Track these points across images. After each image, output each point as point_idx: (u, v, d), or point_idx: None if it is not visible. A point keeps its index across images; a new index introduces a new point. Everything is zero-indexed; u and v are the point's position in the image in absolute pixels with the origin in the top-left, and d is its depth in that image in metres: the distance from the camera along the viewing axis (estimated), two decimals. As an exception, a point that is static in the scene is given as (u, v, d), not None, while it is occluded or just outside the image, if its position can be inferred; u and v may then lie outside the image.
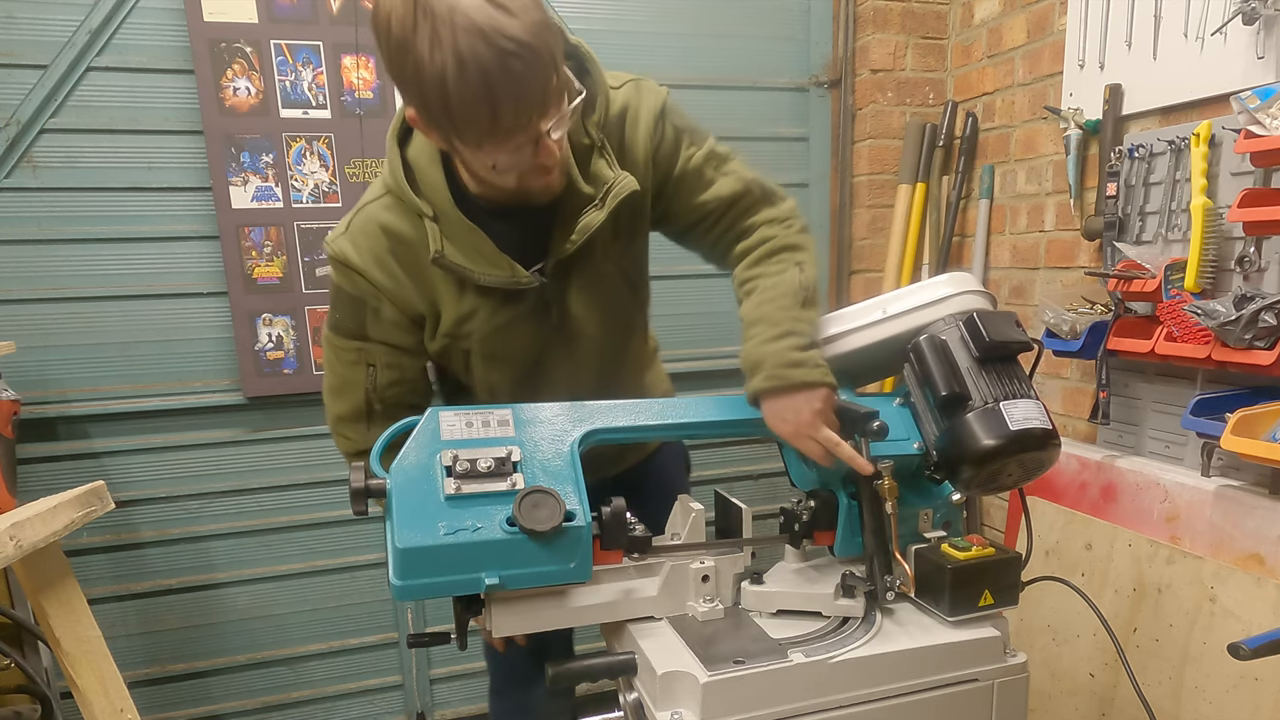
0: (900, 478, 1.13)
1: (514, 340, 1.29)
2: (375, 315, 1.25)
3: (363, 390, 1.29)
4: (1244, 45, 1.72)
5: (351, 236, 1.22)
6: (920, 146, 2.59)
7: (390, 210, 1.21)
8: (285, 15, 2.14)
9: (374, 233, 1.21)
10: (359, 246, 1.21)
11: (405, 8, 0.94)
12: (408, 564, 0.98)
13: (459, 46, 0.93)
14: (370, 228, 1.21)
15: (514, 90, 0.97)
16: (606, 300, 1.31)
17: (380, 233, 1.21)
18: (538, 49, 0.97)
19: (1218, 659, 1.63)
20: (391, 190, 1.20)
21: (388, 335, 1.27)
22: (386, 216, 1.21)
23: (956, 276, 1.22)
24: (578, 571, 1.05)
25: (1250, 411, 1.57)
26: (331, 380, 1.33)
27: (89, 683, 1.55)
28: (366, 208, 1.23)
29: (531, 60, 0.96)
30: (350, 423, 1.33)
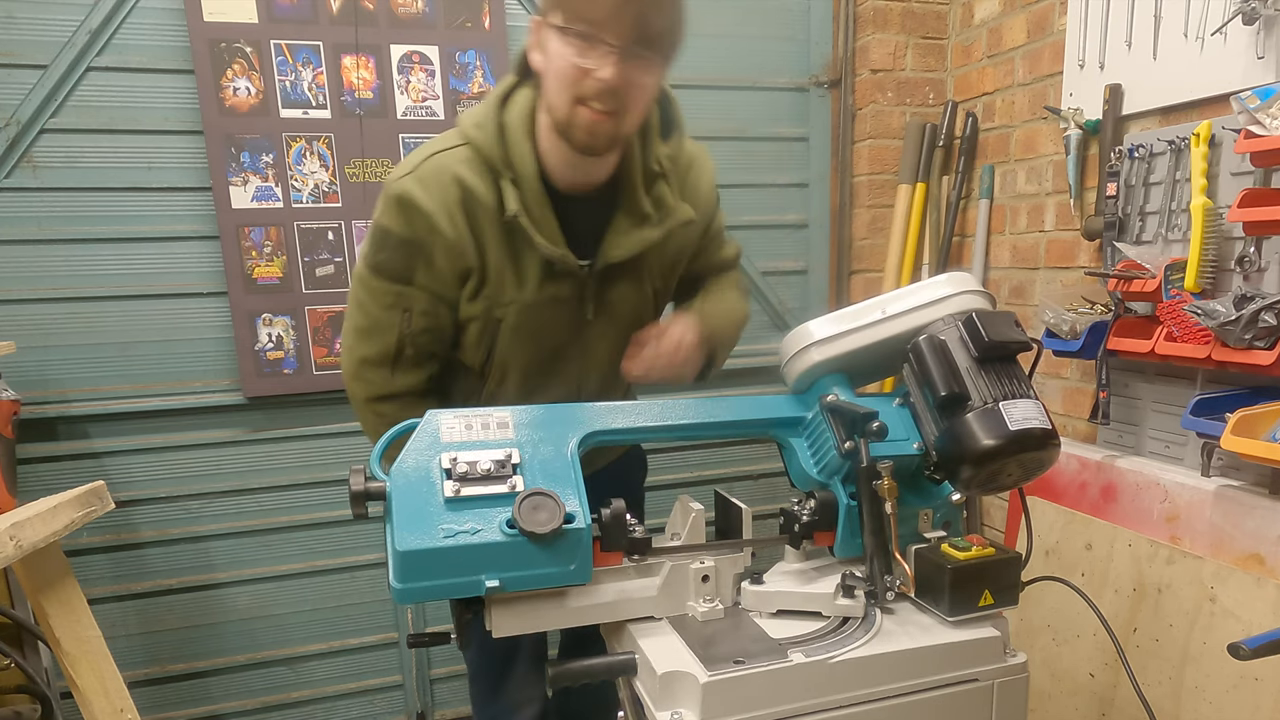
0: (900, 478, 1.13)
1: (545, 322, 1.33)
2: (427, 262, 1.26)
3: (395, 333, 1.30)
4: (1244, 45, 1.72)
5: (420, 179, 1.23)
6: (920, 146, 2.59)
7: (465, 164, 1.24)
8: (285, 15, 2.14)
9: (446, 181, 1.23)
10: (429, 190, 1.23)
11: None
12: (408, 567, 0.98)
13: None
14: (443, 176, 1.23)
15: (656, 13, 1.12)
16: (634, 311, 1.40)
17: (453, 182, 1.23)
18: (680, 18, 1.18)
19: (1218, 659, 1.63)
20: (474, 144, 1.24)
21: (433, 283, 1.28)
22: (461, 169, 1.23)
23: (956, 276, 1.22)
24: (578, 573, 1.05)
25: (1250, 411, 1.57)
26: (362, 321, 1.33)
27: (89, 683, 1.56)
28: (438, 155, 1.24)
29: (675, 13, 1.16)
30: (375, 366, 1.33)
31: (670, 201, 1.34)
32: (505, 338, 1.33)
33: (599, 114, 1.17)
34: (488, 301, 1.30)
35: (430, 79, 2.26)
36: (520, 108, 1.25)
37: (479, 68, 2.30)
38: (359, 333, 1.33)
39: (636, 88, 1.17)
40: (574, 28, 1.13)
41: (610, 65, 1.13)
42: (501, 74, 2.28)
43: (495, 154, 1.23)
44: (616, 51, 1.13)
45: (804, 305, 2.74)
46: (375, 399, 1.35)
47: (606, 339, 1.39)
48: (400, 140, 2.27)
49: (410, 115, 2.27)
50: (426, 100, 2.27)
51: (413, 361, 1.33)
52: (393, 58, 2.23)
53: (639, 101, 1.19)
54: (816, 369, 1.23)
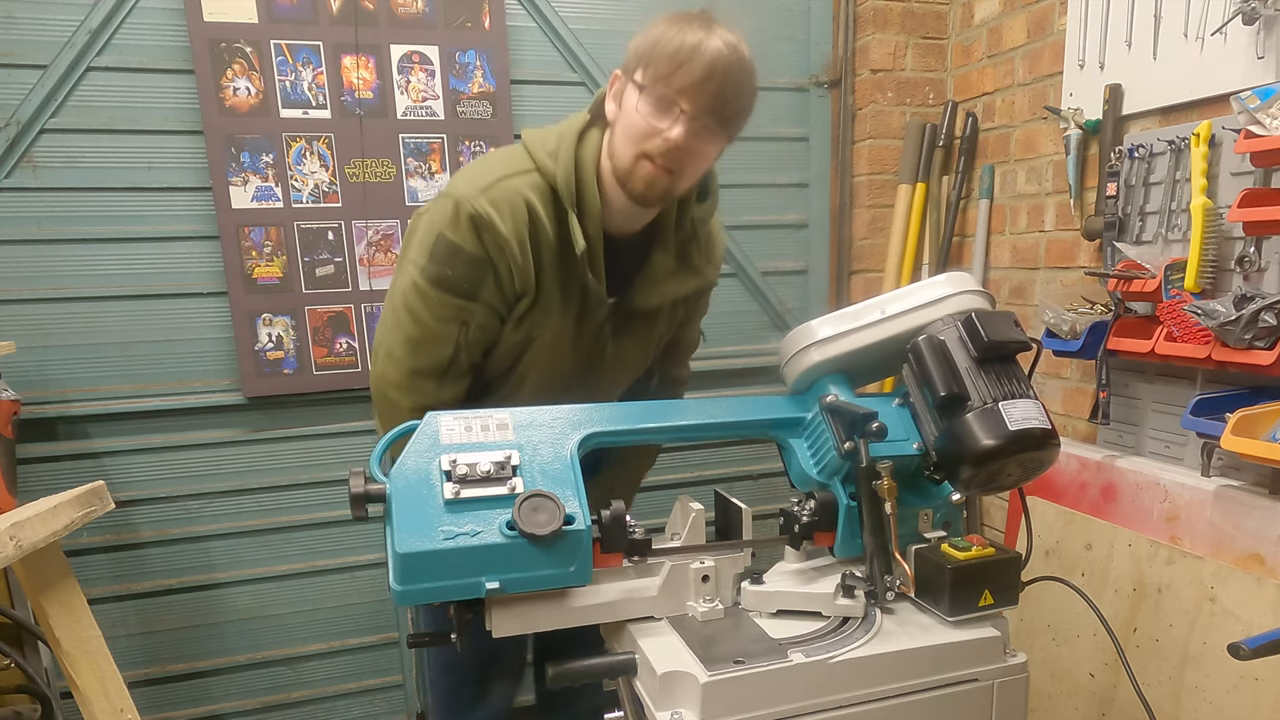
0: (900, 478, 1.13)
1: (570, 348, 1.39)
2: (495, 281, 1.29)
3: (452, 346, 1.32)
4: (1244, 45, 1.72)
5: (494, 201, 1.25)
6: (920, 146, 2.59)
7: (535, 191, 1.27)
8: (285, 15, 2.14)
9: (518, 205, 1.26)
10: (503, 214, 1.25)
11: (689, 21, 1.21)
12: (408, 569, 0.98)
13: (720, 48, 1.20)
14: (516, 201, 1.26)
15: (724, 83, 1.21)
16: (640, 353, 1.50)
17: (525, 209, 1.26)
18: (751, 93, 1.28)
19: (1218, 659, 1.63)
20: (543, 173, 1.27)
21: (494, 300, 1.31)
22: (532, 197, 1.27)
23: (955, 276, 1.22)
24: (578, 575, 1.05)
25: (1250, 411, 1.57)
26: (416, 333, 1.32)
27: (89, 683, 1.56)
28: (511, 180, 1.27)
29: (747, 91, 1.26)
30: (427, 377, 1.34)
31: (697, 262, 1.44)
32: (532, 354, 1.38)
33: (659, 169, 1.25)
34: (531, 324, 1.34)
35: (430, 79, 2.26)
36: (593, 148, 1.31)
37: (479, 68, 2.30)
38: (412, 344, 1.33)
39: (697, 154, 1.25)
40: (656, 89, 1.20)
41: (680, 128, 1.21)
42: (501, 74, 2.30)
43: (568, 190, 1.27)
44: (688, 118, 1.21)
45: (804, 305, 2.73)
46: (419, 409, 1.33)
47: (614, 373, 1.48)
48: (400, 140, 2.27)
49: (410, 115, 2.27)
50: (426, 100, 2.27)
51: (461, 372, 1.36)
52: (393, 58, 2.23)
53: (697, 168, 1.28)
54: (816, 369, 1.23)
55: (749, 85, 1.25)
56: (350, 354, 2.32)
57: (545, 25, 2.37)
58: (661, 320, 1.48)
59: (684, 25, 1.21)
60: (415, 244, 1.32)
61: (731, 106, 1.24)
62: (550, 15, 2.36)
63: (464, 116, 2.30)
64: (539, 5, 2.34)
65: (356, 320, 2.31)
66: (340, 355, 2.31)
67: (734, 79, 1.22)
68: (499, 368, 1.41)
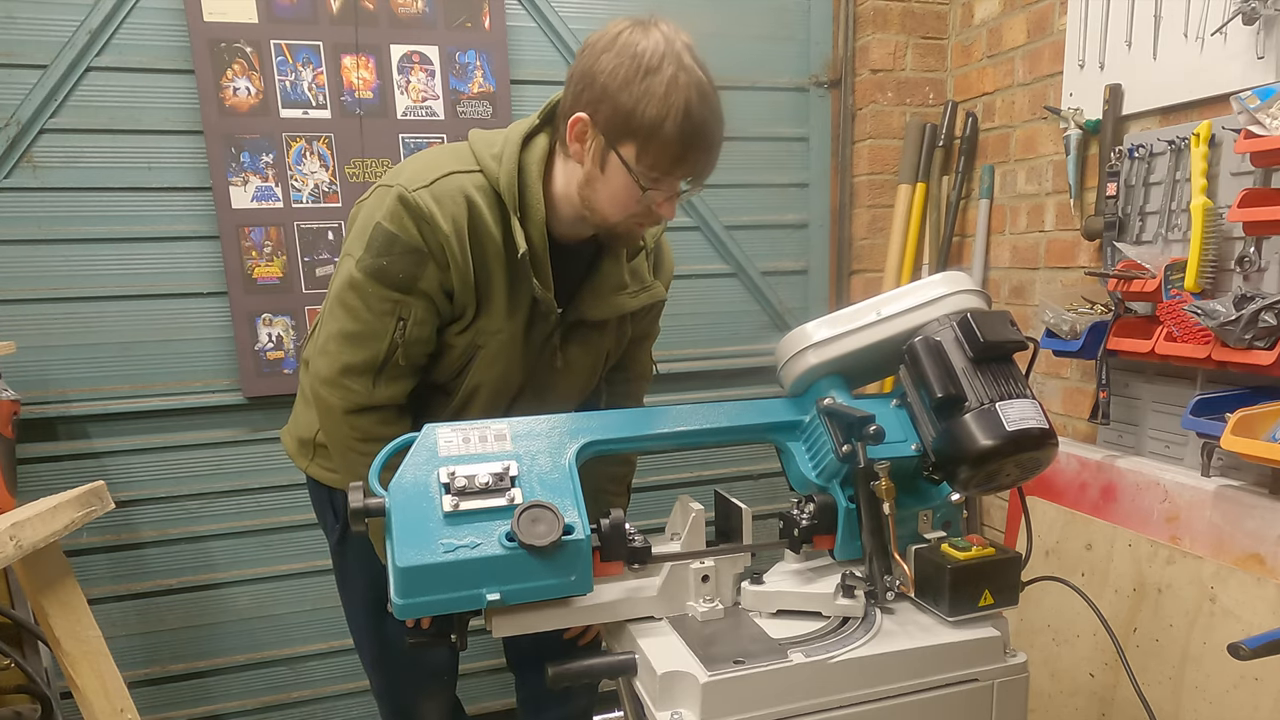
0: (899, 479, 1.13)
1: (518, 356, 1.37)
2: (431, 273, 1.26)
3: (387, 341, 1.28)
4: (1244, 45, 1.72)
5: (436, 194, 1.24)
6: (920, 146, 2.59)
7: (480, 191, 1.26)
8: (285, 15, 2.14)
9: (460, 202, 1.25)
10: (443, 207, 1.24)
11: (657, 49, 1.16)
12: (409, 582, 0.99)
13: (692, 97, 1.16)
14: (457, 196, 1.25)
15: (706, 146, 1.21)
16: (592, 364, 1.49)
17: (466, 204, 1.25)
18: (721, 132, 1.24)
19: (1218, 659, 1.63)
20: (487, 174, 1.26)
21: (433, 293, 1.28)
22: (477, 198, 1.26)
23: (951, 276, 1.22)
24: (578, 584, 1.05)
25: (1250, 411, 1.57)
26: (351, 326, 1.28)
27: (89, 683, 1.56)
28: (455, 176, 1.26)
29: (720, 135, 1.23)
30: (359, 374, 1.30)
31: (647, 277, 1.45)
32: (480, 363, 1.35)
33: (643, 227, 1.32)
34: (476, 330, 1.33)
35: (430, 79, 2.26)
36: (540, 152, 1.29)
37: (479, 68, 2.30)
38: (346, 338, 1.29)
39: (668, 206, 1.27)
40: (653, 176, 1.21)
41: (673, 204, 1.27)
42: (501, 74, 2.30)
43: (511, 193, 1.26)
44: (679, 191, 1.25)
45: (804, 305, 2.73)
46: (353, 410, 1.31)
47: (564, 384, 1.46)
48: (400, 140, 2.27)
49: (410, 115, 2.26)
50: (426, 100, 2.27)
51: (397, 373, 1.31)
52: (393, 58, 2.23)
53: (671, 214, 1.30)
54: (813, 372, 1.23)
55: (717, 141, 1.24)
56: (350, 354, 2.32)
57: (545, 25, 2.37)
58: (610, 333, 1.47)
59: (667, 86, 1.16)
60: (353, 235, 1.30)
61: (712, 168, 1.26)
62: (550, 15, 2.36)
63: (464, 116, 2.30)
64: (539, 5, 2.35)
65: (356, 320, 2.31)
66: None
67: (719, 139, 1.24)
68: (447, 374, 1.38)
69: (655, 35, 1.17)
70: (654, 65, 1.16)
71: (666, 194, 1.25)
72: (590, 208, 1.27)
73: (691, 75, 1.17)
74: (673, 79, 1.15)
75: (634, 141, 1.19)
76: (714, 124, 1.21)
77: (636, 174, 1.21)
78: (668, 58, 1.16)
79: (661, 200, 1.25)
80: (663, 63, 1.16)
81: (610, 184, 1.24)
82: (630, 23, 1.20)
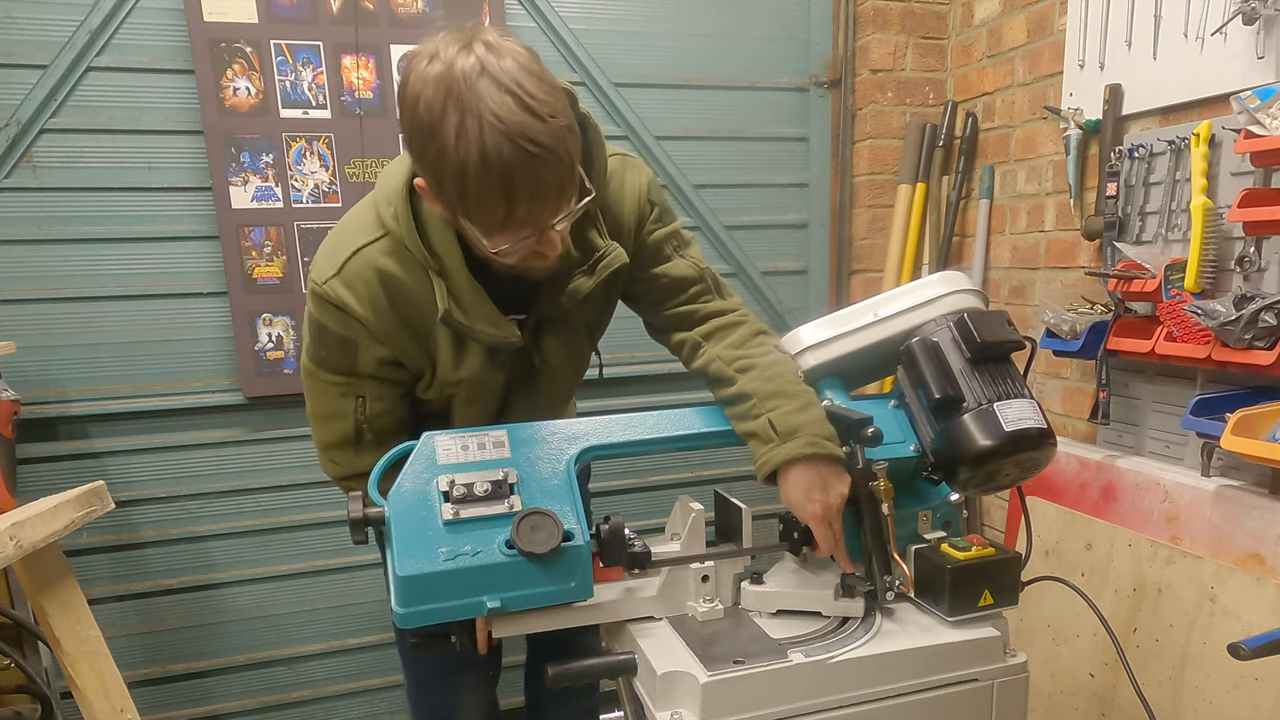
0: (897, 480, 1.13)
1: (493, 385, 1.32)
2: (367, 353, 1.23)
3: (352, 419, 1.29)
4: (1244, 45, 1.72)
5: (347, 280, 1.18)
6: (920, 146, 2.59)
7: (391, 257, 1.18)
8: (285, 15, 2.14)
9: (371, 280, 1.18)
10: (356, 292, 1.18)
11: (436, 93, 0.96)
12: (409, 591, 0.99)
13: (485, 142, 0.95)
14: (368, 274, 1.18)
15: (530, 190, 1.00)
16: (574, 348, 1.39)
17: (378, 280, 1.18)
18: (559, 153, 1.00)
19: (1218, 659, 1.63)
20: (394, 236, 1.17)
21: (377, 371, 1.25)
22: (386, 263, 1.18)
23: (948, 275, 1.22)
24: (578, 590, 1.06)
25: (1250, 411, 1.57)
26: (317, 409, 1.31)
27: (89, 683, 1.56)
28: (362, 252, 1.18)
29: (552, 163, 0.99)
30: (339, 449, 1.32)
31: (600, 242, 1.24)
32: (460, 404, 1.33)
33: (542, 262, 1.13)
34: (440, 385, 1.29)
35: (430, 79, 2.26)
36: None
37: (479, 68, 2.30)
38: (317, 419, 1.32)
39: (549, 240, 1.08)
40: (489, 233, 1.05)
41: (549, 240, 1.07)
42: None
43: (417, 249, 1.15)
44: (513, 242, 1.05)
45: (804, 305, 2.73)
46: (345, 478, 1.34)
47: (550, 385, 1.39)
48: (400, 140, 2.26)
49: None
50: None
51: (375, 443, 1.30)
52: (393, 58, 2.23)
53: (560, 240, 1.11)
54: (811, 374, 1.23)
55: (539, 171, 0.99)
56: (350, 354, 2.32)
57: (545, 25, 2.37)
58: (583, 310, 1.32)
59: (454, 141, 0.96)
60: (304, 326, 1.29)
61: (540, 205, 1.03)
62: (550, 15, 2.35)
63: (464, 116, 2.30)
64: (539, 5, 2.34)
65: (356, 320, 2.31)
66: None
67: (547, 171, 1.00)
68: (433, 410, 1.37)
69: (436, 68, 0.97)
70: (434, 119, 0.96)
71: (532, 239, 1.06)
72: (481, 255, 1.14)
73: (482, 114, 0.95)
74: (459, 127, 0.95)
75: (460, 212, 1.04)
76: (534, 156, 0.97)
77: (485, 240, 1.06)
78: (450, 98, 0.95)
79: (533, 244, 1.07)
80: (444, 109, 0.96)
81: (474, 244, 1.11)
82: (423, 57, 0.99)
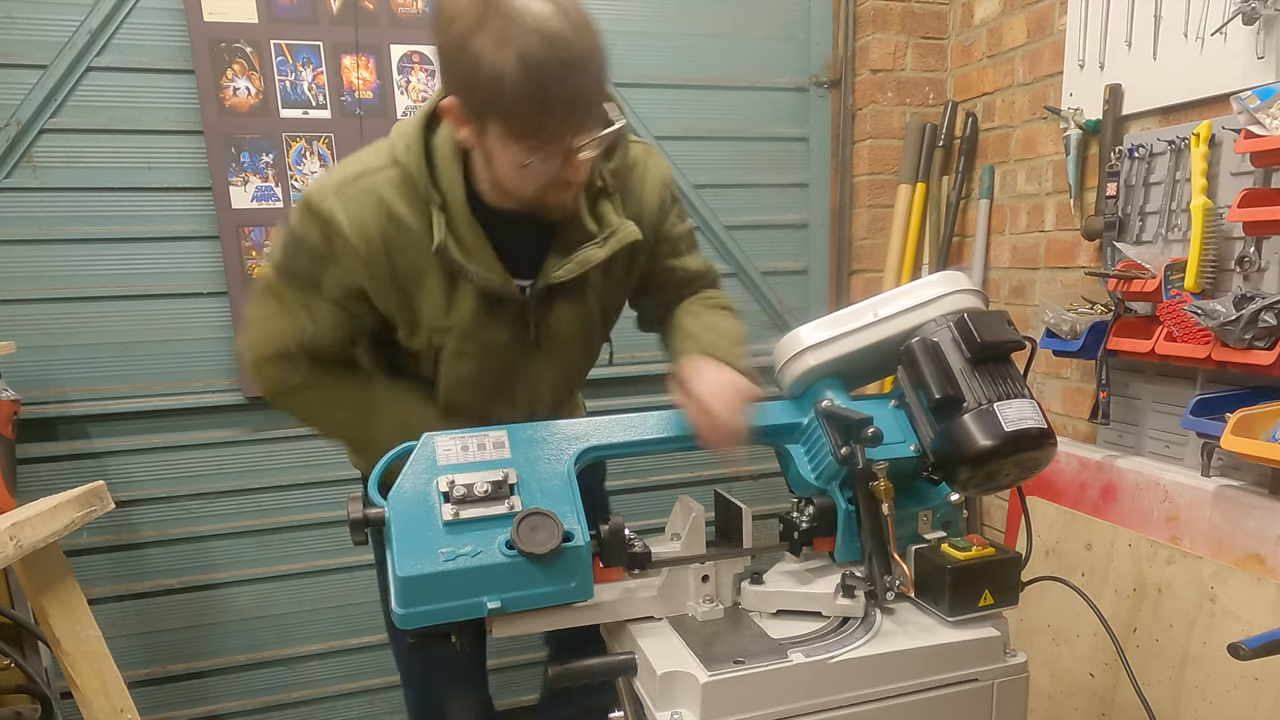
0: (897, 479, 1.13)
1: (488, 345, 1.28)
2: (337, 278, 1.20)
3: (294, 337, 1.24)
4: (1244, 45, 1.72)
5: (345, 200, 1.17)
6: (920, 146, 2.59)
7: (395, 189, 1.18)
8: (285, 15, 2.14)
9: (370, 207, 1.17)
10: (350, 213, 1.16)
11: (474, 2, 1.00)
12: (410, 592, 0.99)
13: (525, 47, 0.98)
14: (368, 200, 1.17)
15: (567, 100, 1.03)
16: (583, 329, 1.36)
17: (379, 207, 1.17)
18: (592, 66, 1.04)
19: (1218, 659, 1.63)
20: (402, 169, 1.18)
21: (340, 298, 1.22)
22: (389, 194, 1.18)
23: (947, 275, 1.22)
24: (578, 591, 1.06)
25: (1250, 411, 1.57)
26: (263, 321, 1.26)
27: (89, 683, 1.56)
28: (369, 177, 1.18)
29: (587, 76, 1.04)
30: (272, 363, 1.26)
31: (614, 218, 1.27)
32: (448, 363, 1.29)
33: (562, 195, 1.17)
34: (428, 331, 1.26)
35: (430, 79, 2.26)
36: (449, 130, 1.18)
37: (479, 68, 2.30)
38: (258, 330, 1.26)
39: (573, 165, 1.12)
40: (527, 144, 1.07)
41: (574, 164, 1.10)
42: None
43: (422, 181, 1.17)
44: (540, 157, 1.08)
45: (804, 305, 2.73)
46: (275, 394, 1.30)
47: (554, 360, 1.35)
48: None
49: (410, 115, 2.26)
50: (426, 100, 2.27)
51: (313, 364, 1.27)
52: (393, 58, 2.23)
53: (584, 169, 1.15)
54: (811, 374, 1.23)
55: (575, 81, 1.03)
56: (350, 354, 2.32)
57: (545, 25, 2.37)
58: (594, 291, 1.33)
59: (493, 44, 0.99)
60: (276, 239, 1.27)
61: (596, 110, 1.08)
62: (550, 15, 2.35)
63: (464, 116, 2.30)
64: (539, 5, 2.34)
65: (356, 320, 2.31)
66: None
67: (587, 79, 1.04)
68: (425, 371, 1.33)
69: None
70: (471, 25, 0.99)
71: (558, 158, 1.09)
72: (498, 189, 1.17)
73: (522, 19, 0.98)
74: (499, 33, 0.98)
75: (491, 118, 1.05)
76: (566, 63, 1.00)
77: (512, 150, 1.07)
78: (488, 7, 0.99)
79: (558, 165, 1.10)
80: (483, 15, 0.99)
81: (499, 165, 1.12)
82: None
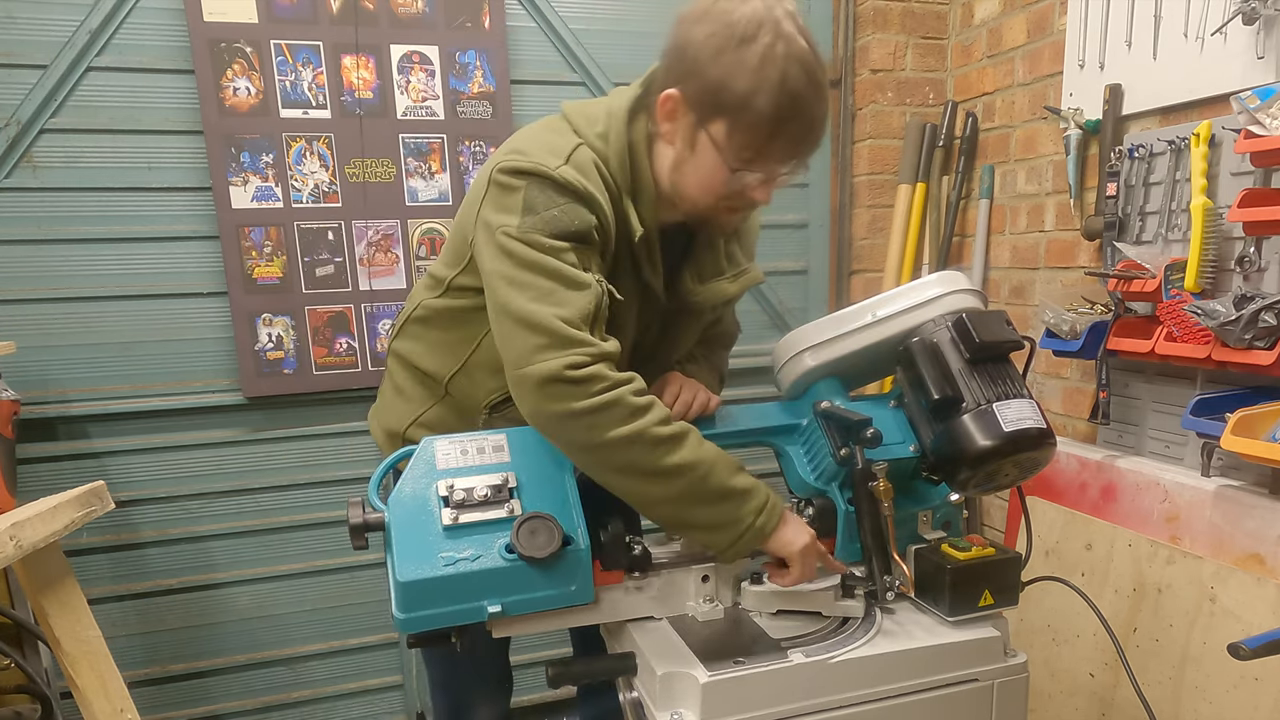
0: (897, 480, 1.13)
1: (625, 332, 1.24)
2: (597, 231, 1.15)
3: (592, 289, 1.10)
4: (1244, 45, 1.72)
5: (578, 166, 1.14)
6: (920, 146, 2.59)
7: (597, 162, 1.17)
8: (285, 15, 2.14)
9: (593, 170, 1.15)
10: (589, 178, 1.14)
11: (758, 17, 1.06)
12: (410, 597, 0.99)
13: (789, 71, 1.06)
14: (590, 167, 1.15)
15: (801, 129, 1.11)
16: (684, 345, 1.43)
17: (597, 173, 1.16)
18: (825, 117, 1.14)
19: (1218, 659, 1.63)
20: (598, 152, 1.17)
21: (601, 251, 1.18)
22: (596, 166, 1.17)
23: (946, 275, 1.22)
24: (579, 594, 1.06)
25: (1250, 411, 1.57)
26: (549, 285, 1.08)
27: (89, 683, 1.56)
28: (582, 148, 1.16)
29: (821, 119, 1.13)
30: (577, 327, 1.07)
31: (741, 260, 1.39)
32: None
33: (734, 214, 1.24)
34: None
35: (430, 79, 2.26)
36: (644, 129, 1.20)
37: (479, 68, 2.30)
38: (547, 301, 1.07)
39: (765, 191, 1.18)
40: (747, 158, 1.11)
41: (769, 188, 1.17)
42: (501, 74, 2.30)
43: (622, 173, 1.18)
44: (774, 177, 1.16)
45: (804, 305, 2.73)
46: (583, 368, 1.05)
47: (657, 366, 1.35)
48: (400, 140, 2.26)
49: (410, 115, 2.26)
50: (426, 100, 2.27)
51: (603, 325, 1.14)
52: (393, 58, 2.23)
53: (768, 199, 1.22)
54: (809, 375, 1.23)
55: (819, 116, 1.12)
56: (350, 354, 2.32)
57: (545, 25, 2.37)
58: (707, 314, 1.42)
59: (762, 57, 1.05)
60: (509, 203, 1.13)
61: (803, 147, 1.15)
62: (550, 15, 2.36)
63: (464, 116, 2.30)
64: (539, 5, 2.34)
65: (356, 320, 2.31)
66: (340, 355, 2.31)
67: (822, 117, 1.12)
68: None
69: (753, 2, 1.07)
70: (749, 34, 1.06)
71: (761, 177, 1.14)
72: (679, 192, 1.19)
73: (792, 46, 1.06)
74: (769, 49, 1.05)
75: (724, 118, 1.09)
76: (815, 100, 1.09)
77: (726, 154, 1.11)
78: (765, 26, 1.05)
79: (755, 184, 1.15)
80: (759, 31, 1.05)
81: (699, 166, 1.15)
82: None
